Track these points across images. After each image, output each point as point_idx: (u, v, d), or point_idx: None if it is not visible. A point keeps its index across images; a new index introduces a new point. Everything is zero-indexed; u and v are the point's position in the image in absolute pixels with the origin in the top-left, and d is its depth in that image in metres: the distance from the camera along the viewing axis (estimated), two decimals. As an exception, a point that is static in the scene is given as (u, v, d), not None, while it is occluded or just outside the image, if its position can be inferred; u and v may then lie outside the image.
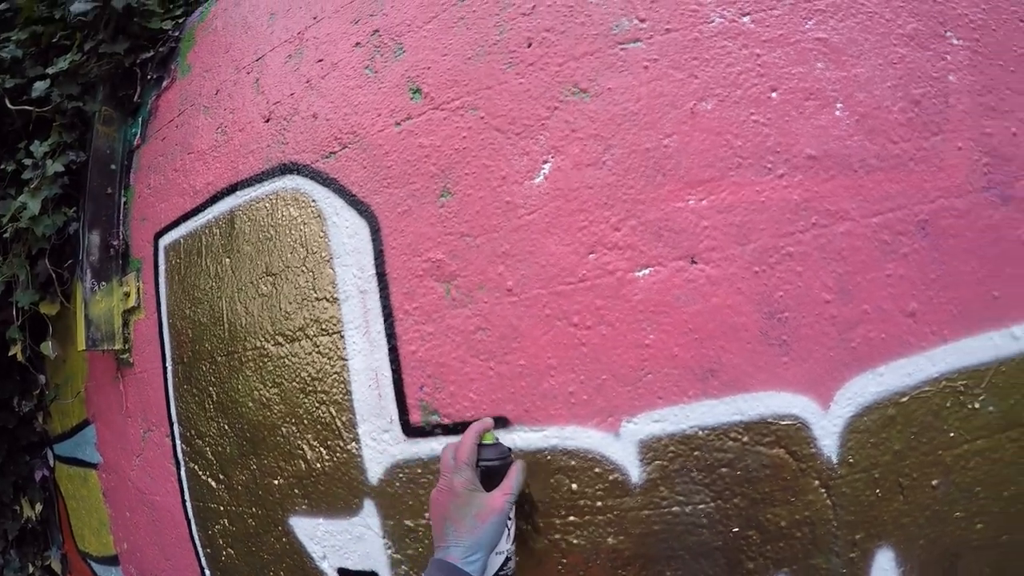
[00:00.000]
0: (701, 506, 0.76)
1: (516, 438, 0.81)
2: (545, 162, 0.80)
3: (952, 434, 0.73)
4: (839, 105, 0.77)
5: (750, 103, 0.78)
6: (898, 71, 0.78)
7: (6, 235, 1.32)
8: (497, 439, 0.77)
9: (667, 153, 0.77)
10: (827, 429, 0.73)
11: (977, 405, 0.72)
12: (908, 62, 0.78)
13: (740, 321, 0.74)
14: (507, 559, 0.73)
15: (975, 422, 0.72)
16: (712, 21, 0.81)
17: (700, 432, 0.75)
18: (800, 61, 0.79)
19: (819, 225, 0.75)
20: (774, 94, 0.78)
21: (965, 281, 0.74)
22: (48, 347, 1.43)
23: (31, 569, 1.55)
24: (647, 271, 0.75)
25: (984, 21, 0.81)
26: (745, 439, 0.74)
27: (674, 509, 0.76)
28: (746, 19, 0.80)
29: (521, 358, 0.80)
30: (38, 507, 1.54)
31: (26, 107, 1.30)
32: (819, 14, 0.80)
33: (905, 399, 0.73)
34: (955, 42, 0.79)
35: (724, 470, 0.75)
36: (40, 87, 1.29)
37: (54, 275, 1.34)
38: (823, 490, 0.73)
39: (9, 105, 1.28)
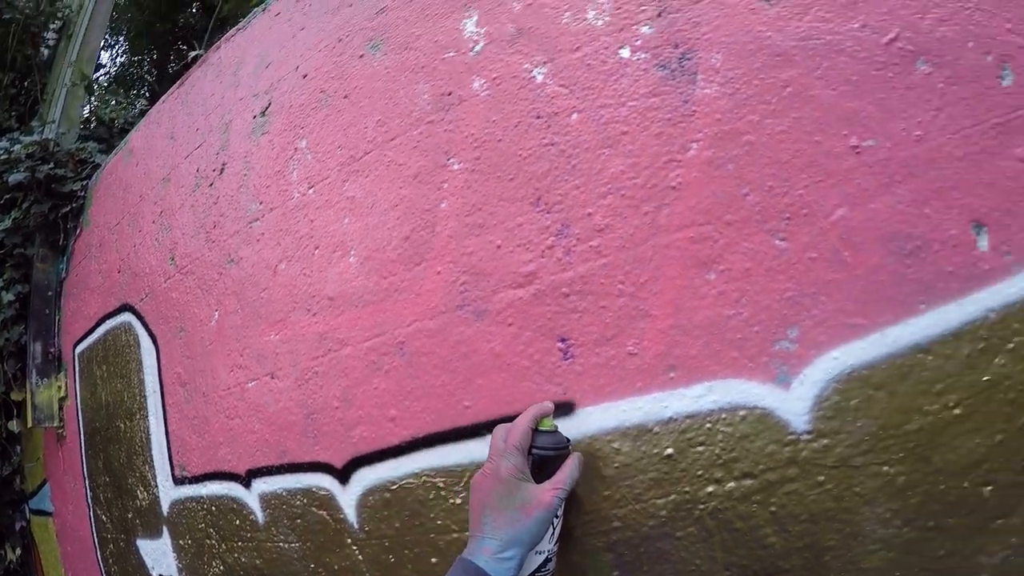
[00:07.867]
0: (295, 545, 1.08)
1: (211, 487, 1.30)
2: (215, 312, 1.30)
3: (440, 521, 0.85)
4: (353, 252, 0.96)
5: (304, 260, 1.04)
6: (398, 212, 0.89)
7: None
8: (556, 427, 0.71)
9: (262, 303, 1.14)
10: (346, 502, 0.97)
11: (459, 501, 0.82)
12: (408, 201, 0.89)
13: (293, 419, 1.05)
14: (547, 559, 0.67)
15: (460, 515, 0.83)
16: (293, 197, 1.08)
17: (283, 492, 1.08)
18: (336, 219, 0.99)
19: (333, 351, 0.99)
20: (316, 251, 1.02)
21: (437, 393, 0.85)
22: (13, 424, 2.04)
23: (12, 605, 2.13)
24: (254, 383, 1.17)
25: (489, 134, 0.81)
26: (304, 501, 1.04)
27: (281, 544, 1.10)
28: (311, 191, 1.05)
29: (207, 436, 1.29)
30: (17, 551, 2.14)
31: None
32: (355, 175, 0.98)
33: (395, 487, 0.89)
34: (455, 167, 0.84)
35: (299, 521, 1.05)
36: (-7, 240, 1.92)
37: (11, 376, 1.96)
38: (355, 547, 0.97)
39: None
